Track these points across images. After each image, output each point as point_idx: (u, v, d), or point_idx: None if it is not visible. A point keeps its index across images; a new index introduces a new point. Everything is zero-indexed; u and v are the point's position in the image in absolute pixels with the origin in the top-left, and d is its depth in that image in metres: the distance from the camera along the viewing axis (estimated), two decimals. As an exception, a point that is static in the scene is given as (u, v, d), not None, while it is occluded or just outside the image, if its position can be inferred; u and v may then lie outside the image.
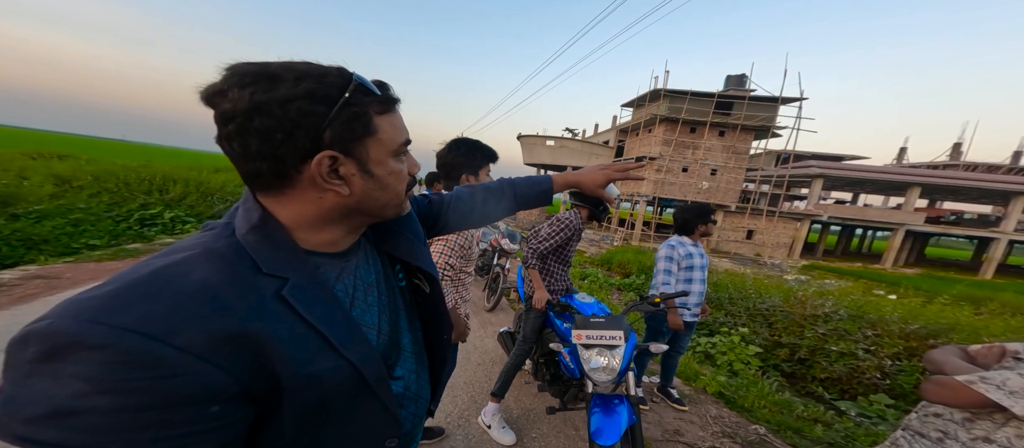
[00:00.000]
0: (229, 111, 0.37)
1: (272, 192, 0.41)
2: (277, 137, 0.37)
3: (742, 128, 20.06)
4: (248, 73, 0.37)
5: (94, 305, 0.31)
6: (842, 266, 19.20)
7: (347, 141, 0.40)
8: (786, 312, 3.86)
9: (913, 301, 4.75)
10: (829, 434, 2.17)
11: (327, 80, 0.39)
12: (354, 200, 0.43)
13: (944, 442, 0.93)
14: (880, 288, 7.89)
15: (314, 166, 0.39)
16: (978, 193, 23.18)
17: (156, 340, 0.31)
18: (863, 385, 2.95)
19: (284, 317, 0.38)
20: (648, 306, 1.89)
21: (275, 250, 0.40)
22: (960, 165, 34.09)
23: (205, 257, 0.37)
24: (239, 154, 0.38)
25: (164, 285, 0.34)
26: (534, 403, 2.34)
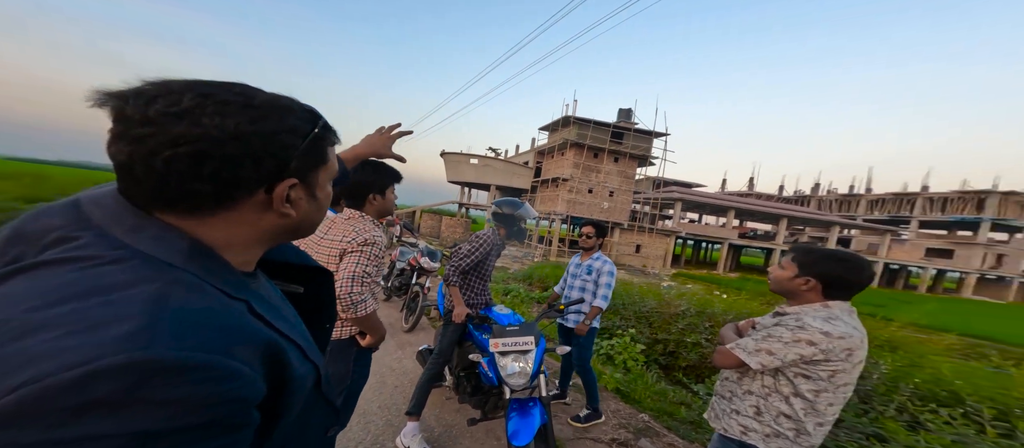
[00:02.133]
0: (190, 134, 0.35)
1: (196, 213, 0.38)
2: (248, 163, 0.38)
3: (630, 156, 24.31)
4: (228, 102, 0.37)
5: (141, 335, 0.30)
6: (696, 273, 24.92)
7: (306, 169, 0.43)
8: (661, 313, 4.86)
9: (733, 297, 6.68)
10: (690, 414, 2.78)
11: (303, 115, 0.43)
12: (295, 222, 0.45)
13: (732, 399, 1.23)
14: (717, 289, 10.68)
15: (279, 189, 0.41)
16: (764, 215, 33.92)
17: (226, 356, 0.33)
18: (708, 368, 3.91)
19: (271, 331, 0.41)
20: (554, 313, 2.14)
21: (225, 275, 0.39)
22: (753, 194, 49.50)
23: (181, 285, 0.34)
24: (180, 174, 0.35)
25: (186, 310, 0.34)
26: (455, 418, 2.34)
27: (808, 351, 1.05)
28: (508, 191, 28.44)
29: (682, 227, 29.31)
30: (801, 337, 1.06)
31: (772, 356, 1.09)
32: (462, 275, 2.09)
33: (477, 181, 28.20)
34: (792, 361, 1.07)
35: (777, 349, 1.08)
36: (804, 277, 1.14)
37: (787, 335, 1.08)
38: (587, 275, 2.43)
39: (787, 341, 1.07)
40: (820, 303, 1.14)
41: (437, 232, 22.67)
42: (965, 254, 32.37)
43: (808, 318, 1.09)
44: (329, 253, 1.29)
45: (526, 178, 28.18)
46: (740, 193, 48.85)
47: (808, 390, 1.09)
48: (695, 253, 39.70)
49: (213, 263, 0.39)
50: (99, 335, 0.29)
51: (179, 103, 0.35)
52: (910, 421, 2.16)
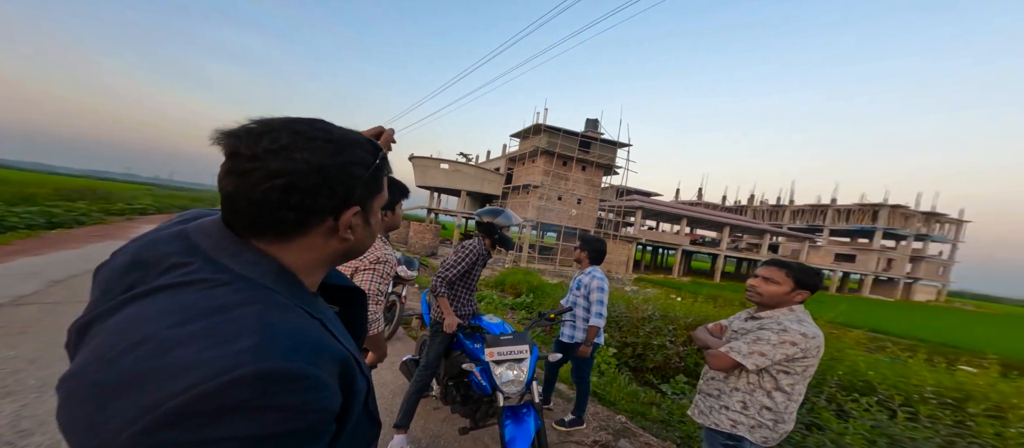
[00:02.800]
0: (284, 168, 0.40)
1: (281, 239, 0.43)
2: (325, 193, 0.42)
3: (596, 165, 25.31)
4: (315, 137, 0.42)
5: (263, 349, 0.34)
6: (654, 278, 26.61)
7: (367, 197, 0.48)
8: (629, 317, 5.18)
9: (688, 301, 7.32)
10: (660, 412, 3.00)
11: (367, 147, 0.47)
12: (351, 246, 0.49)
13: (720, 396, 1.37)
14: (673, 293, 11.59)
15: (345, 217, 0.45)
16: (711, 223, 37.48)
17: (319, 369, 0.37)
18: (672, 369, 4.26)
19: (341, 346, 0.44)
20: (545, 321, 2.20)
21: (303, 295, 0.44)
22: (702, 204, 54.56)
23: (276, 307, 0.39)
24: (274, 204, 0.40)
25: (286, 329, 0.37)
26: (442, 428, 2.32)
27: (792, 351, 1.23)
28: (479, 197, 28.28)
29: (642, 234, 31.21)
30: (785, 339, 1.23)
31: (764, 357, 1.25)
32: (448, 285, 2.08)
33: (447, 186, 27.68)
34: (779, 360, 1.25)
35: (768, 351, 1.25)
36: (800, 290, 1.32)
37: (774, 338, 1.25)
38: (577, 289, 2.52)
39: (775, 343, 1.24)
40: (787, 308, 1.34)
41: (405, 238, 21.78)
42: (864, 259, 38.54)
43: (787, 322, 1.27)
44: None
45: (497, 184, 28.22)
46: (691, 202, 53.32)
47: (787, 384, 1.27)
48: (653, 258, 42.53)
49: (294, 284, 0.44)
50: (230, 348, 0.34)
51: (278, 141, 0.40)
52: (837, 410, 2.56)
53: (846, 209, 41.19)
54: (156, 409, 0.31)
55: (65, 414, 0.36)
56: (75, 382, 0.36)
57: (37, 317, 3.19)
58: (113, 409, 0.32)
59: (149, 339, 0.34)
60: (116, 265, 0.43)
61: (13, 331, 2.86)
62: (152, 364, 0.33)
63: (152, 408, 0.31)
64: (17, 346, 2.63)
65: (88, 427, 0.33)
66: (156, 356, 0.33)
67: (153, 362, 0.33)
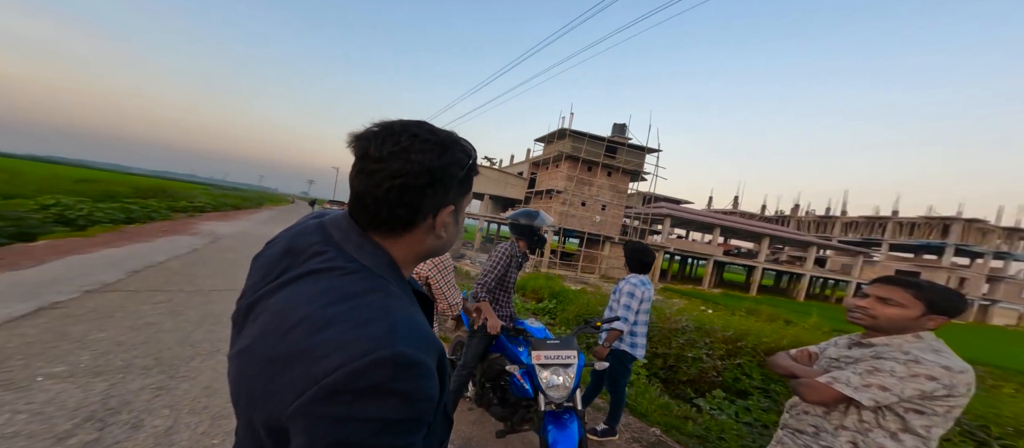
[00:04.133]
0: (402, 169, 0.44)
1: (393, 234, 0.48)
2: (430, 192, 0.46)
3: (623, 170, 24.60)
4: (429, 141, 0.46)
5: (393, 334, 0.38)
6: (682, 288, 25.35)
7: (459, 197, 0.51)
8: (660, 328, 4.97)
9: (724, 314, 6.87)
10: (696, 428, 2.86)
11: (465, 149, 0.50)
12: (443, 243, 0.52)
13: (819, 435, 1.13)
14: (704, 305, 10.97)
15: (442, 215, 0.48)
16: (747, 234, 35.13)
17: (430, 358, 0.41)
18: (708, 382, 4.04)
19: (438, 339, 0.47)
20: (591, 328, 2.15)
21: (405, 287, 0.49)
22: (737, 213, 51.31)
23: (393, 296, 0.44)
24: (393, 202, 0.45)
25: (407, 318, 0.42)
26: (474, 430, 2.34)
27: (929, 387, 0.98)
28: (501, 201, 28.51)
29: (670, 243, 29.94)
30: (919, 372, 0.99)
31: (887, 392, 1.00)
32: (490, 291, 2.11)
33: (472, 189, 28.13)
34: (910, 396, 0.99)
35: (892, 384, 1.00)
36: (933, 315, 1.08)
37: (901, 369, 1.00)
38: (614, 295, 2.50)
39: (902, 376, 0.99)
40: (913, 335, 1.08)
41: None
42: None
43: (917, 351, 1.03)
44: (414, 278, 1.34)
45: (520, 188, 28.32)
46: (725, 211, 50.47)
47: (920, 425, 1.01)
48: (681, 268, 40.60)
49: (399, 276, 0.49)
50: (367, 330, 0.38)
51: (399, 143, 0.44)
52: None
53: (909, 222, 37.04)
54: (316, 383, 0.36)
55: (240, 381, 0.43)
56: (249, 355, 0.42)
57: (120, 303, 3.59)
58: (283, 380, 0.38)
59: (306, 319, 0.40)
60: (272, 253, 0.50)
61: (102, 315, 3.22)
62: (311, 340, 0.38)
63: (314, 381, 0.36)
64: (105, 329, 2.96)
65: (265, 395, 0.39)
66: (313, 333, 0.39)
67: (311, 339, 0.38)
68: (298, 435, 0.36)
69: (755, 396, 3.56)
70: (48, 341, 2.62)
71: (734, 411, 3.32)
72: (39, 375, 2.19)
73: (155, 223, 10.33)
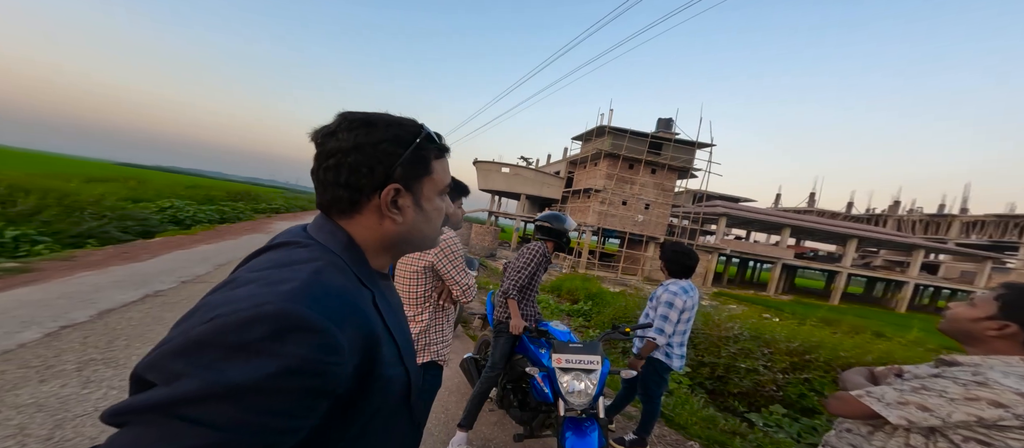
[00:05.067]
0: (334, 148, 0.46)
1: (345, 215, 0.49)
2: (363, 170, 0.46)
3: (669, 167, 23.15)
4: (355, 120, 0.47)
5: (298, 294, 0.36)
6: (741, 293, 22.88)
7: (410, 178, 0.50)
8: (706, 334, 4.47)
9: (791, 323, 5.93)
10: (745, 444, 2.53)
11: (406, 127, 0.49)
12: (405, 229, 0.51)
13: None
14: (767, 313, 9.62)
15: (384, 195, 0.48)
16: (827, 235, 30.29)
17: (340, 330, 0.37)
18: (764, 397, 3.53)
19: (380, 324, 0.46)
20: (619, 334, 2.02)
21: (362, 267, 0.48)
22: (814, 211, 44.42)
23: (333, 267, 0.43)
24: (330, 182, 0.47)
25: (329, 286, 0.40)
26: (494, 431, 2.30)
27: (991, 414, 0.82)
28: (538, 201, 28.38)
29: (726, 244, 27.05)
30: (980, 395, 0.83)
31: (927, 412, 0.87)
32: (521, 290, 2.08)
33: (507, 190, 28.49)
34: (960, 422, 0.85)
35: (936, 405, 0.86)
36: (1002, 322, 0.89)
37: (955, 390, 0.86)
38: (651, 302, 2.30)
39: (954, 397, 0.86)
40: (1019, 357, 0.89)
41: (466, 239, 23.20)
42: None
43: (994, 373, 0.86)
44: (417, 262, 1.39)
45: (557, 188, 27.93)
46: (797, 210, 44.13)
47: None
48: (740, 272, 36.37)
49: (357, 255, 0.49)
50: (276, 288, 0.37)
51: (331, 127, 0.47)
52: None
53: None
54: (185, 334, 0.34)
55: None
56: None
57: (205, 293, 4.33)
58: (171, 332, 0.37)
59: (233, 280, 0.41)
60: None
61: (192, 302, 3.88)
62: (218, 297, 0.38)
63: (186, 332, 0.34)
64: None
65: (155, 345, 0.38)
66: (226, 291, 0.39)
67: (221, 296, 0.38)
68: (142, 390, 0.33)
69: (826, 415, 2.99)
70: (148, 324, 3.13)
71: (796, 431, 2.83)
72: (135, 355, 2.62)
73: (241, 223, 12.22)
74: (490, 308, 2.52)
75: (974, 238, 33.40)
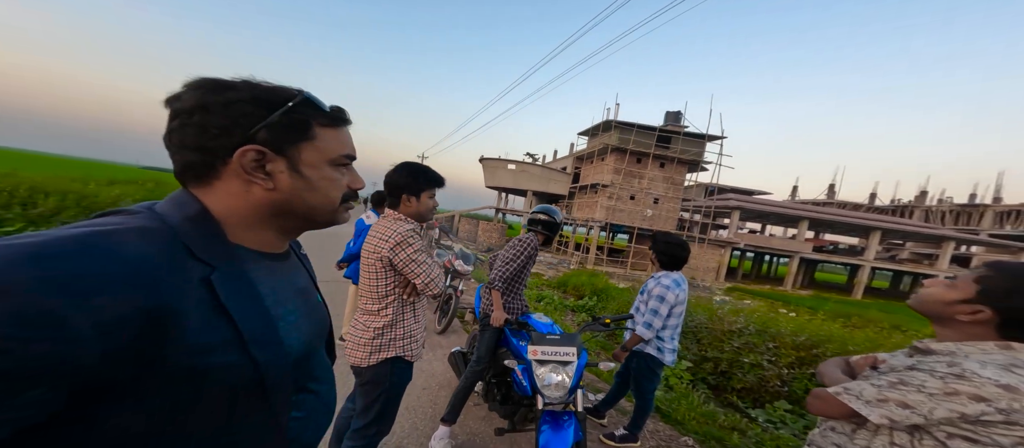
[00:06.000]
0: (177, 109, 0.43)
1: (201, 182, 0.45)
2: (212, 131, 0.43)
3: (678, 161, 22.58)
4: (204, 82, 0.44)
5: (25, 250, 0.31)
6: (756, 288, 22.19)
7: (281, 141, 0.46)
8: (710, 329, 4.35)
9: (803, 317, 5.72)
10: (744, 441, 2.43)
11: (277, 92, 0.46)
12: (282, 197, 0.47)
13: None
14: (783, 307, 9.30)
15: (238, 156, 0.44)
16: (848, 227, 28.99)
17: (69, 299, 0.30)
18: (769, 392, 3.41)
19: (201, 303, 0.40)
20: (601, 327, 1.98)
21: (206, 238, 0.43)
22: (834, 203, 42.60)
23: (141, 232, 0.39)
24: (176, 145, 0.44)
25: (100, 244, 0.34)
26: (480, 426, 2.29)
27: (973, 409, 0.76)
28: (545, 196, 28.21)
29: (740, 237, 26.26)
30: (959, 389, 0.77)
31: (908, 410, 0.80)
32: (507, 282, 2.05)
33: (514, 186, 28.41)
34: (943, 419, 0.78)
35: (917, 401, 0.80)
36: (976, 306, 0.82)
37: (933, 384, 0.79)
38: (641, 295, 2.23)
39: (933, 392, 0.79)
40: (994, 342, 0.83)
41: (474, 236, 23.29)
42: None
43: (970, 362, 0.80)
44: (373, 255, 1.33)
45: (563, 184, 27.69)
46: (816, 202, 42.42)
47: None
48: (756, 266, 35.28)
49: (205, 228, 0.44)
50: (7, 244, 0.31)
51: (178, 90, 0.44)
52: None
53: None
54: None
55: None
56: None
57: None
58: None
59: None
60: None
61: None
62: None
63: None
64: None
65: None
66: None
67: None
68: None
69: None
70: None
71: (800, 427, 2.72)
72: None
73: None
74: (478, 301, 2.51)
75: (1009, 228, 31.44)
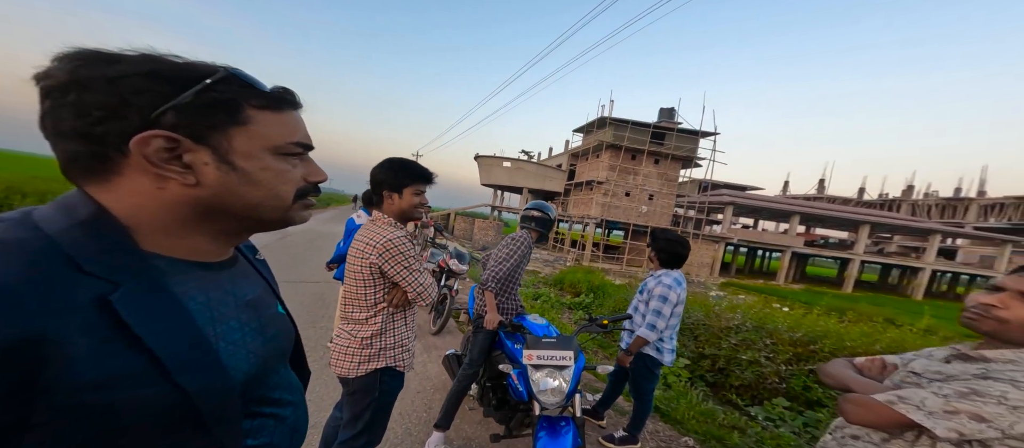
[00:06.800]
0: (45, 87, 0.34)
1: (95, 178, 0.37)
2: (95, 113, 0.34)
3: (672, 157, 22.72)
4: (79, 52, 0.35)
5: None
6: (750, 283, 22.50)
7: (200, 126, 0.37)
8: (707, 326, 4.34)
9: (798, 313, 5.77)
10: (744, 440, 2.40)
11: (188, 68, 0.37)
12: (209, 193, 0.39)
13: None
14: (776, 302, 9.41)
15: (137, 145, 0.35)
16: (838, 221, 29.49)
17: None
18: (767, 389, 3.41)
19: (94, 329, 0.32)
20: (597, 327, 1.93)
21: (105, 249, 0.35)
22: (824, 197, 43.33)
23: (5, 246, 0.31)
24: (52, 134, 0.35)
25: None
26: (476, 431, 2.22)
27: None
28: (540, 194, 28.19)
29: (734, 233, 26.56)
30: None
31: (983, 423, 0.73)
32: (500, 282, 1.99)
33: (509, 184, 28.32)
34: (1021, 434, 0.71)
35: (995, 415, 0.73)
36: None
37: (1017, 396, 0.72)
38: (640, 294, 2.17)
39: (1017, 405, 0.73)
40: None
41: (470, 235, 23.17)
42: None
43: None
44: (361, 261, 1.26)
45: (559, 181, 27.70)
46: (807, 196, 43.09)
47: None
48: (749, 261, 35.78)
49: (101, 236, 0.35)
50: None
51: (50, 62, 0.34)
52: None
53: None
54: None
55: None
56: None
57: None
58: None
59: None
60: None
61: None
62: None
63: None
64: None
65: None
66: None
67: None
68: None
69: (830, 407, 2.87)
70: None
71: (799, 424, 2.71)
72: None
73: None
74: (472, 301, 2.45)
75: (993, 221, 32.29)
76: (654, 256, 2.13)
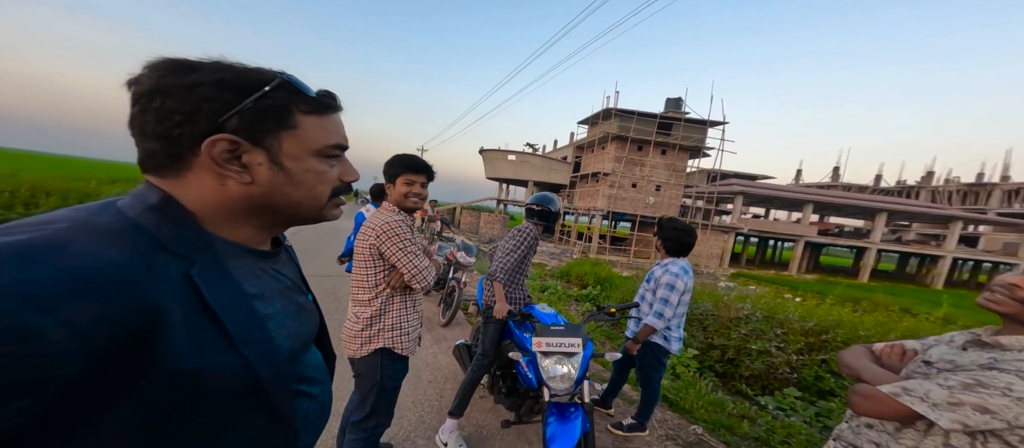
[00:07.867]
0: (135, 93, 0.39)
1: (167, 172, 0.41)
2: (175, 118, 0.39)
3: (680, 147, 22.33)
4: (165, 62, 0.40)
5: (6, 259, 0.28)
6: (761, 274, 22.17)
7: (257, 131, 0.41)
8: (717, 316, 4.31)
9: (810, 302, 5.67)
10: (754, 429, 2.41)
11: (250, 76, 0.41)
12: (260, 191, 0.43)
13: None
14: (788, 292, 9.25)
15: (207, 147, 0.39)
16: (853, 210, 28.66)
17: (39, 309, 0.27)
18: (777, 380, 3.38)
19: (185, 301, 0.36)
20: (605, 316, 1.95)
21: (179, 229, 0.39)
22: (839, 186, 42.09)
23: (85, 230, 0.33)
24: (138, 133, 0.40)
25: (52, 249, 0.30)
26: (487, 418, 2.27)
27: None
28: (546, 187, 28.06)
29: (744, 223, 26.07)
30: None
31: (988, 415, 0.73)
32: (508, 273, 2.01)
33: (515, 177, 28.24)
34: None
35: (1000, 407, 0.72)
36: None
37: (1021, 387, 0.72)
38: (647, 283, 2.16)
39: (1021, 396, 0.72)
40: None
41: (476, 228, 23.29)
42: None
43: None
44: (363, 244, 1.35)
45: (564, 173, 27.49)
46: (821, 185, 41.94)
47: None
48: (760, 252, 35.14)
49: (176, 217, 0.40)
50: None
51: (140, 70, 0.39)
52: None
53: None
54: None
55: None
56: None
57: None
58: None
59: None
60: None
61: None
62: None
63: None
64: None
65: None
66: None
67: None
68: None
69: (842, 397, 2.85)
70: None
71: (811, 414, 2.70)
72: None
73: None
74: (480, 292, 2.48)
75: (1017, 206, 30.96)
76: (661, 245, 2.13)
